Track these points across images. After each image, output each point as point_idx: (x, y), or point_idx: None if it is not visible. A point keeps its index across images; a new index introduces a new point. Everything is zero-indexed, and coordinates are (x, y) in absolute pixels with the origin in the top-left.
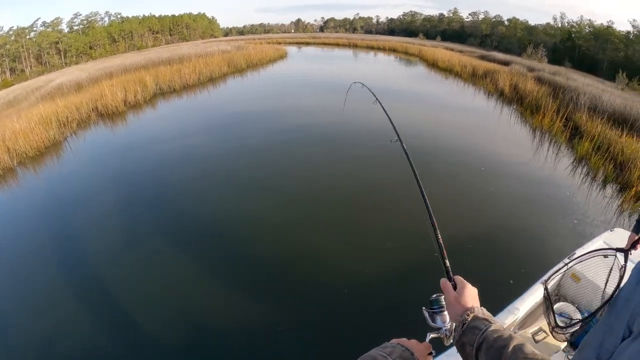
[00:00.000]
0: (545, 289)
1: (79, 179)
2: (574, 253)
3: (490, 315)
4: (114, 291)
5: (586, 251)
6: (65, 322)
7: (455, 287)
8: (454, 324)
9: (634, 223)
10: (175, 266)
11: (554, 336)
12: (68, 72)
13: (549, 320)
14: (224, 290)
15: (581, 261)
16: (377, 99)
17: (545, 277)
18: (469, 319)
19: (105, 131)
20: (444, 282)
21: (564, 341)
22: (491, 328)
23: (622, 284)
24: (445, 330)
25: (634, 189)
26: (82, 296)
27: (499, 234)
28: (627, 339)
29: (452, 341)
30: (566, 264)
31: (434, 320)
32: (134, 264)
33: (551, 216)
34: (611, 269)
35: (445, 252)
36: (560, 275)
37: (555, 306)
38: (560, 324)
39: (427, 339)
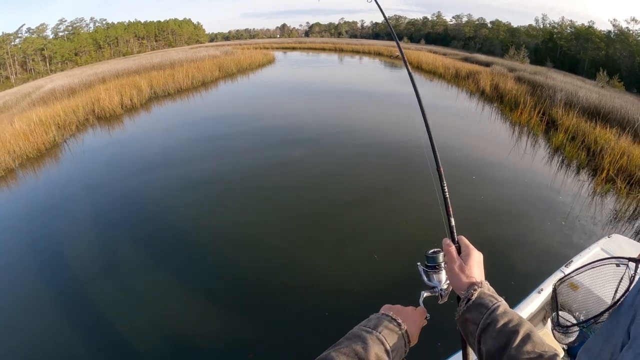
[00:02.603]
0: (554, 289)
1: (76, 180)
2: (571, 261)
3: (495, 291)
4: (101, 300)
5: (584, 258)
6: (46, 327)
7: (459, 251)
8: (451, 287)
9: None
10: (162, 275)
11: (554, 335)
12: (56, 78)
13: (552, 318)
14: (210, 302)
15: (587, 270)
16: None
17: (540, 287)
18: (475, 295)
19: (104, 134)
20: (447, 244)
21: (562, 342)
22: (499, 310)
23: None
24: (441, 290)
25: (605, 172)
26: (68, 302)
27: (484, 239)
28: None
29: (446, 300)
30: (563, 272)
31: (429, 279)
32: (123, 272)
33: (531, 213)
34: (621, 279)
35: (451, 208)
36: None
37: (552, 315)
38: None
39: (421, 299)
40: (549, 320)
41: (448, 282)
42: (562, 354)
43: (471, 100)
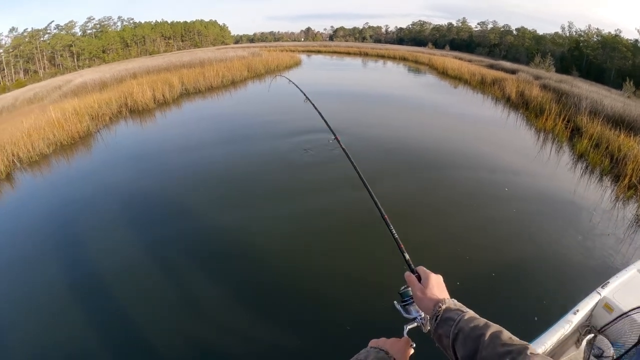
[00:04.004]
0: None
1: (105, 170)
2: (608, 282)
3: (462, 305)
4: (117, 292)
5: (620, 280)
6: (68, 320)
7: (419, 279)
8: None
9: None
10: (180, 274)
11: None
12: (85, 73)
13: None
14: (222, 299)
15: (619, 289)
16: (307, 97)
17: (576, 308)
18: (442, 311)
19: (136, 126)
20: (407, 275)
21: None
22: (465, 317)
23: None
24: (421, 319)
25: (627, 178)
26: (83, 290)
27: (515, 255)
28: None
29: (429, 327)
30: (599, 294)
31: (407, 312)
32: (143, 266)
33: (558, 226)
34: None
35: (402, 245)
36: (592, 305)
37: (587, 338)
38: None
39: (405, 332)
40: (583, 343)
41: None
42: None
43: (497, 106)
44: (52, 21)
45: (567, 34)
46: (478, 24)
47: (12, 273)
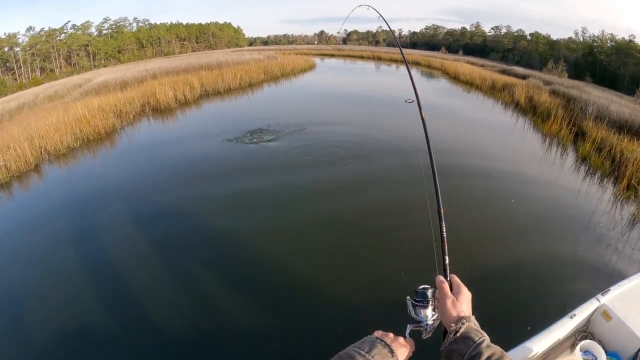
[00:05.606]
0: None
1: (129, 163)
2: (608, 289)
3: (479, 327)
4: (127, 275)
5: (622, 288)
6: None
7: (450, 288)
8: (436, 321)
9: None
10: (189, 265)
11: None
12: (104, 72)
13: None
14: (224, 291)
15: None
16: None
17: (573, 312)
18: (463, 328)
19: (158, 124)
20: (440, 280)
21: None
22: (484, 343)
23: None
24: (427, 324)
25: (625, 180)
26: (98, 276)
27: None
28: None
29: (429, 335)
30: (599, 300)
31: (416, 313)
32: (154, 255)
33: (559, 230)
34: None
35: (446, 246)
36: (590, 311)
37: (581, 343)
38: None
39: (407, 332)
40: (577, 348)
41: (434, 318)
42: None
43: (506, 111)
44: (69, 21)
45: (581, 39)
46: (492, 28)
47: (34, 257)
